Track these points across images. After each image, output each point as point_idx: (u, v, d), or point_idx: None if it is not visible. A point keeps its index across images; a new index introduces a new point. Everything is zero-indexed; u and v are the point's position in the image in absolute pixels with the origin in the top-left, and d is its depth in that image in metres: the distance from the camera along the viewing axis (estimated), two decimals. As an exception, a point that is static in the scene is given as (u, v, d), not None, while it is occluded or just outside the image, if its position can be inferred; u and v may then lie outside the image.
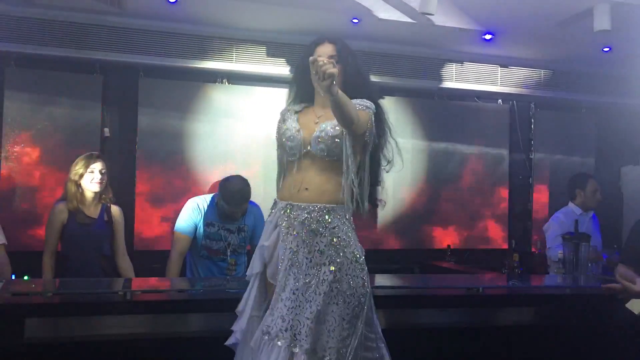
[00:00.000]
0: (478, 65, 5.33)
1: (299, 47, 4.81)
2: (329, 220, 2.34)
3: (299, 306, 2.26)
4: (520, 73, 5.45)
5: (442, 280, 3.82)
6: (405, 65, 5.13)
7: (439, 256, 5.22)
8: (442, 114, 5.48)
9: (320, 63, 2.10)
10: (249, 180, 3.86)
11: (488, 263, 5.10)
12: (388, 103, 5.11)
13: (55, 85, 4.54)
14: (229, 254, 3.82)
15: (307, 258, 2.31)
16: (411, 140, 5.30)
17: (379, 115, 2.48)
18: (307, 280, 2.28)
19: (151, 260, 4.31)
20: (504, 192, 5.63)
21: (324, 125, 2.37)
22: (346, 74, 2.42)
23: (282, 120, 2.51)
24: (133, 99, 4.71)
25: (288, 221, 2.35)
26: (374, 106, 2.43)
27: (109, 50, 4.49)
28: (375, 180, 2.54)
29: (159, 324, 2.76)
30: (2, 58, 4.40)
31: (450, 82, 5.28)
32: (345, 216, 2.38)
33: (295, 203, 2.37)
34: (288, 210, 2.37)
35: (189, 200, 3.97)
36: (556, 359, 3.10)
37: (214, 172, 4.75)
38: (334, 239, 2.32)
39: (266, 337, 2.25)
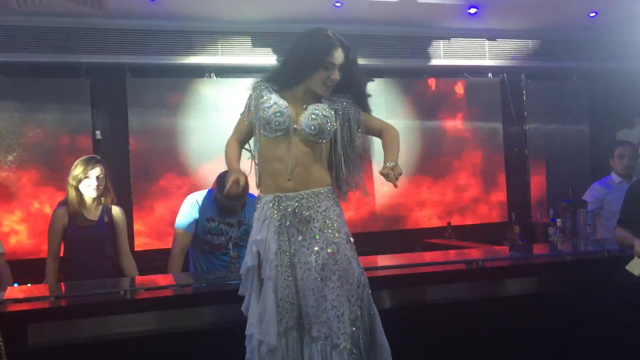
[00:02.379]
0: (465, 40, 5.30)
1: (283, 35, 4.80)
2: (319, 204, 2.36)
3: (306, 296, 2.29)
4: (508, 45, 5.42)
5: (442, 257, 3.82)
6: (392, 45, 5.11)
7: (440, 233, 5.22)
8: (433, 91, 5.46)
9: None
10: (245, 172, 3.86)
11: (489, 237, 5.10)
12: (378, 85, 5.22)
13: (44, 91, 4.53)
14: (230, 247, 3.82)
15: (304, 246, 2.33)
16: (404, 120, 5.29)
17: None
18: (308, 268, 2.30)
19: (152, 259, 4.33)
20: (500, 165, 5.63)
21: (318, 105, 2.41)
22: (349, 81, 2.48)
23: (259, 95, 2.48)
24: (122, 100, 4.70)
25: (279, 213, 2.36)
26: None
27: (94, 53, 4.48)
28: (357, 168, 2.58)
29: (163, 320, 2.77)
30: (-12, 68, 4.40)
31: (439, 60, 5.25)
32: (334, 198, 2.42)
33: (283, 194, 2.38)
34: (277, 202, 2.38)
35: (188, 196, 3.97)
36: (559, 325, 3.12)
37: (209, 166, 4.75)
38: (327, 221, 2.34)
39: (285, 333, 2.28)
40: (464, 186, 5.51)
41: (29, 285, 3.46)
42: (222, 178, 3.80)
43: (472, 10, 4.73)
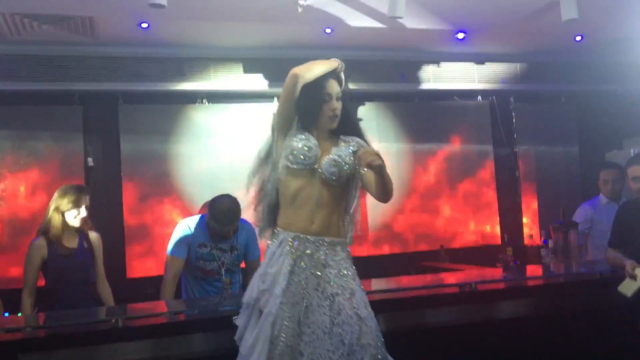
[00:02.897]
0: (454, 64, 5.36)
1: (275, 62, 4.84)
2: (335, 253, 2.39)
3: (318, 339, 2.25)
4: (496, 68, 5.49)
5: (436, 280, 3.82)
6: (383, 70, 5.16)
7: (433, 257, 5.22)
8: (424, 115, 5.51)
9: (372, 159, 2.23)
10: (237, 198, 3.86)
11: (483, 259, 5.10)
12: (369, 109, 5.26)
13: (36, 119, 4.54)
14: (223, 273, 3.81)
15: (317, 290, 2.32)
16: (395, 144, 5.32)
17: None
18: (323, 312, 2.29)
19: (145, 286, 4.30)
20: (492, 188, 5.66)
21: (340, 150, 2.40)
22: (346, 112, 2.50)
23: (293, 135, 2.45)
24: (114, 127, 4.72)
25: (296, 252, 2.36)
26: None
27: (86, 80, 4.50)
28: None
29: (156, 348, 2.74)
30: (-21, 97, 4.41)
31: (429, 83, 5.31)
32: (348, 249, 2.44)
33: (303, 235, 2.38)
34: (297, 242, 2.38)
35: (179, 222, 3.96)
36: (554, 346, 3.11)
37: (201, 192, 4.73)
38: (342, 271, 2.37)
39: None
40: (456, 209, 5.53)
41: (19, 315, 3.42)
42: (213, 203, 3.81)
43: (461, 35, 4.80)
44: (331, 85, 2.45)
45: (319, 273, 2.33)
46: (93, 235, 3.67)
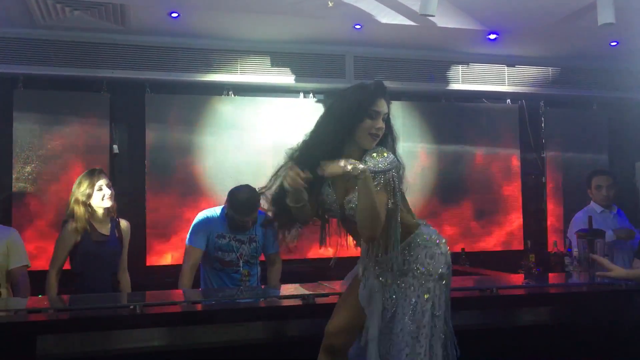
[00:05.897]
0: (484, 65, 5.29)
1: (303, 56, 4.83)
2: (412, 254, 2.39)
3: (408, 346, 2.30)
4: (527, 71, 5.40)
5: (455, 283, 3.77)
6: (411, 68, 5.11)
7: (453, 260, 5.05)
8: (451, 116, 5.44)
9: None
10: (256, 189, 3.86)
11: (504, 265, 5.02)
12: (395, 107, 5.11)
13: (63, 104, 4.58)
14: (241, 264, 3.81)
15: (406, 300, 2.36)
16: (420, 144, 5.26)
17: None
18: (413, 319, 2.33)
19: (163, 275, 4.32)
20: (517, 192, 5.57)
21: (352, 197, 2.35)
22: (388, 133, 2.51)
23: None
24: (140, 115, 4.74)
25: (380, 273, 2.41)
26: (394, 162, 2.41)
27: (115, 68, 4.53)
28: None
29: (171, 336, 2.75)
30: (10, 80, 4.46)
31: (457, 84, 5.25)
32: (424, 238, 2.42)
33: (379, 257, 2.40)
34: (376, 263, 2.41)
35: (200, 212, 3.97)
36: (574, 357, 3.05)
37: (224, 183, 4.74)
38: (420, 267, 2.37)
39: None
40: (479, 212, 5.45)
41: (39, 296, 3.46)
42: (233, 193, 3.81)
43: (492, 36, 4.73)
44: (381, 103, 2.41)
45: (404, 284, 2.36)
46: (124, 223, 3.73)
